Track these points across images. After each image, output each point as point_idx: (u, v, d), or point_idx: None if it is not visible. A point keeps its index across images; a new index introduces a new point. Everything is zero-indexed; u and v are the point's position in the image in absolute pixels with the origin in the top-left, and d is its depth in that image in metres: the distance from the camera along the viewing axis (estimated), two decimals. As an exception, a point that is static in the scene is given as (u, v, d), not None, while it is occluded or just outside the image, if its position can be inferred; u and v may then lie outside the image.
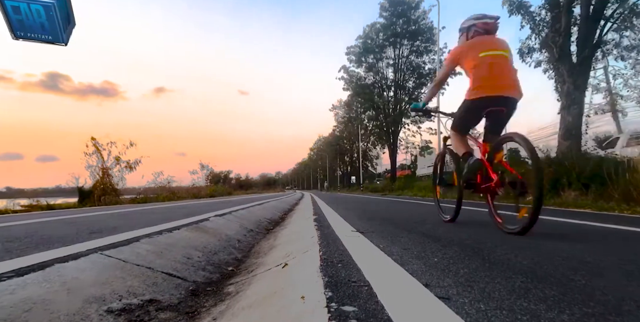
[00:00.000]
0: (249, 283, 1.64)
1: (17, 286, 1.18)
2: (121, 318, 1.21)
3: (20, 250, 1.82)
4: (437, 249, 1.83)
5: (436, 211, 3.76)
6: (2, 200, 9.86)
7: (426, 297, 1.00)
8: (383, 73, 33.23)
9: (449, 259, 1.56)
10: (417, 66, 31.97)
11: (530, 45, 11.52)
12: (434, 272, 1.31)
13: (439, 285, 1.13)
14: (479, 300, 0.98)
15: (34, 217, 4.93)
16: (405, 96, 32.76)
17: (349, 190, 38.94)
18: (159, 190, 15.62)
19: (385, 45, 31.95)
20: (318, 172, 77.99)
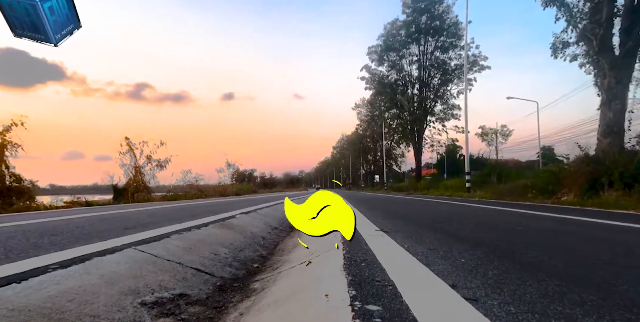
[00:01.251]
0: (274, 280, 1.67)
1: (61, 277, 1.26)
2: (154, 311, 1.27)
3: (64, 243, 1.95)
4: (464, 249, 1.78)
5: (463, 210, 3.65)
6: (47, 196, 10.59)
7: (453, 298, 0.97)
8: (406, 71, 32.59)
9: (477, 260, 1.51)
10: (443, 62, 31.09)
11: (564, 39, 10.89)
12: (461, 273, 1.28)
13: (466, 286, 1.10)
14: (509, 302, 0.95)
15: (74, 213, 5.25)
16: (430, 93, 31.99)
17: (373, 189, 38.58)
18: (187, 188, 16.14)
19: (409, 42, 31.30)
20: (341, 170, 77.79)
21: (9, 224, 3.33)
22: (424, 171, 37.94)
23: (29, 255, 1.56)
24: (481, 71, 29.73)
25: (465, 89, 16.29)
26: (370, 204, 7.41)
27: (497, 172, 14.58)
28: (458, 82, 31.00)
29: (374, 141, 52.37)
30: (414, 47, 31.60)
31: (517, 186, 10.03)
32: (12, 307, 0.98)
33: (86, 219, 3.80)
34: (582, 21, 10.00)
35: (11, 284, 1.11)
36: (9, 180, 8.97)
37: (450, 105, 32.15)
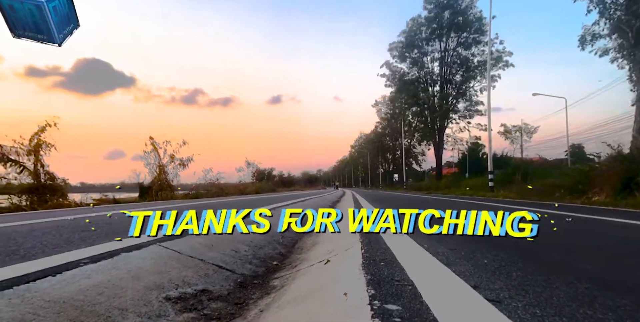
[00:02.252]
0: (293, 278, 1.69)
1: (91, 271, 1.32)
2: (177, 306, 1.31)
3: (93, 239, 2.04)
4: (486, 250, 1.73)
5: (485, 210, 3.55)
6: (77, 194, 11.14)
7: (475, 299, 0.95)
8: (428, 67, 31.98)
9: (500, 261, 1.47)
10: (466, 59, 30.29)
11: (595, 31, 10.37)
12: (484, 274, 1.25)
13: (489, 287, 1.07)
14: (534, 305, 0.91)
15: (103, 210, 5.49)
16: (452, 91, 31.27)
17: (392, 188, 38.14)
18: (208, 186, 16.47)
19: (431, 39, 30.69)
20: (359, 169, 77.37)
21: (44, 220, 3.52)
22: (444, 169, 37.19)
23: (62, 250, 1.64)
24: (505, 68, 28.80)
25: (489, 86, 15.81)
26: (389, 203, 7.34)
27: (522, 171, 14.07)
28: (481, 79, 30.12)
29: (394, 139, 51.77)
30: (436, 43, 30.96)
31: (543, 185, 9.65)
32: (48, 299, 1.03)
33: (114, 216, 3.96)
34: (617, 13, 9.48)
35: (47, 277, 1.17)
36: (43, 178, 9.47)
37: (473, 102, 31.31)
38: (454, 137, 34.52)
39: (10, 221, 3.62)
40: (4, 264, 1.37)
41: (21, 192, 8.94)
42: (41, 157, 9.51)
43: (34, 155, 9.36)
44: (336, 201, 9.60)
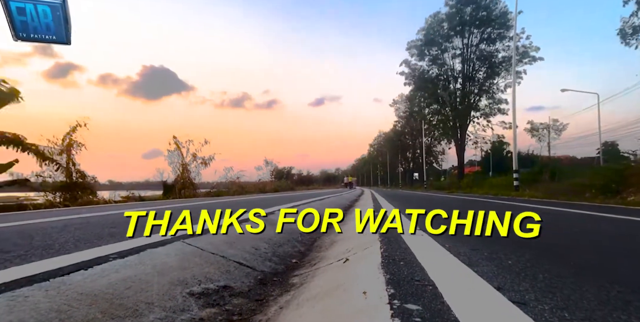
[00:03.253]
0: (312, 276, 1.70)
1: (120, 266, 1.38)
2: (200, 301, 1.34)
3: (120, 235, 2.13)
4: (511, 250, 1.68)
5: (509, 209, 3.44)
6: (106, 191, 11.66)
7: (498, 300, 0.93)
8: (449, 65, 31.23)
9: (526, 262, 1.42)
10: (489, 55, 29.36)
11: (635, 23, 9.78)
12: (508, 275, 1.21)
13: (513, 289, 1.04)
14: (562, 308, 0.88)
15: (130, 207, 5.70)
16: (474, 88, 30.41)
17: (412, 187, 37.55)
18: (229, 184, 16.78)
19: (452, 35, 29.94)
20: (378, 168, 76.68)
21: (76, 216, 3.70)
22: (466, 168, 36.28)
23: (93, 245, 1.72)
24: (532, 63, 27.75)
25: (514, 82, 15.21)
26: (410, 202, 7.24)
27: (549, 170, 13.52)
28: (506, 75, 29.13)
29: (413, 138, 50.96)
30: (457, 40, 30.19)
31: (573, 184, 9.24)
32: (81, 291, 1.09)
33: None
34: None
35: (80, 270, 1.24)
36: (74, 176, 9.95)
37: (497, 99, 30.34)
38: (477, 135, 33.58)
39: (47, 217, 3.83)
40: (42, 257, 1.46)
41: (55, 190, 9.43)
42: (72, 156, 10.00)
43: (66, 154, 9.86)
44: (355, 199, 9.56)
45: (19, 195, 9.84)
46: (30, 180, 9.17)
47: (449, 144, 35.88)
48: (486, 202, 7.40)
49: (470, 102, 30.19)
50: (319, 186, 45.00)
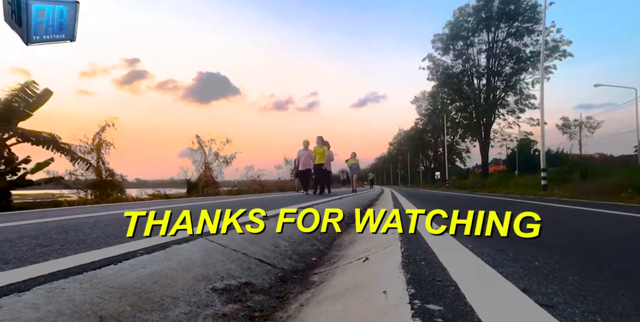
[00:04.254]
0: (332, 274, 1.70)
1: (147, 261, 1.44)
2: (223, 297, 1.38)
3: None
4: (538, 251, 1.62)
5: (537, 209, 3.31)
6: (133, 189, 12.19)
7: (524, 302, 0.90)
8: (474, 60, 30.31)
9: (554, 264, 1.36)
10: (516, 50, 28.27)
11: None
12: (535, 277, 1.17)
13: (541, 291, 1.00)
14: (594, 312, 0.84)
15: (157, 204, 5.91)
16: (500, 84, 29.40)
17: (433, 186, 36.76)
18: (250, 183, 17.06)
19: (478, 30, 29.05)
20: (398, 167, 75.61)
21: (106, 213, 3.87)
22: (491, 167, 35.19)
23: (122, 241, 1.80)
24: (562, 58, 26.52)
25: (542, 78, 14.52)
26: (431, 201, 7.11)
27: (580, 169, 12.89)
28: (534, 71, 27.97)
29: (435, 136, 49.87)
30: (483, 34, 29.27)
31: (607, 183, 8.77)
32: (112, 285, 1.14)
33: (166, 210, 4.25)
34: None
35: (110, 265, 1.30)
36: (104, 174, 10.42)
37: (524, 96, 29.21)
38: (502, 132, 32.45)
39: (79, 213, 4.03)
40: (76, 251, 1.54)
41: (86, 188, 9.93)
42: (102, 155, 10.48)
43: (96, 153, 10.34)
44: (374, 198, 9.48)
45: (54, 192, 10.44)
46: (64, 178, 9.68)
47: (473, 142, 34.89)
48: (514, 202, 7.15)
49: (496, 99, 29.23)
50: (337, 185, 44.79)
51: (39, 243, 1.82)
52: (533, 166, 26.25)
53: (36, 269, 1.23)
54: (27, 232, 2.29)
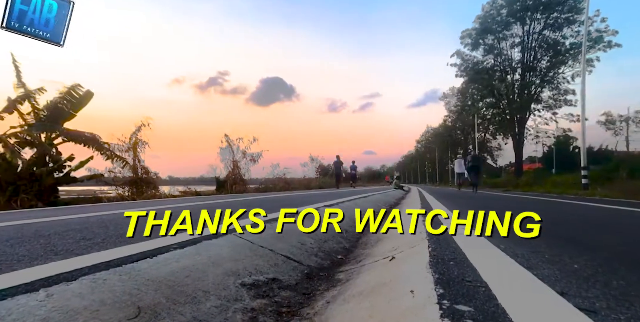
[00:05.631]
0: (358, 272, 1.70)
1: (179, 256, 1.50)
2: (252, 292, 1.41)
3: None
4: (577, 254, 1.53)
5: (576, 210, 3.13)
6: (166, 186, 12.76)
7: (562, 306, 0.85)
8: (506, 54, 28.94)
9: (596, 267, 1.28)
10: (554, 42, 26.65)
11: None
12: (573, 280, 1.11)
13: (581, 295, 0.95)
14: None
15: (187, 201, 6.14)
16: (536, 78, 27.89)
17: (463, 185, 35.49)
18: (276, 181, 17.33)
19: (510, 22, 27.68)
20: (426, 165, 73.85)
21: (141, 209, 4.08)
22: (525, 165, 33.55)
23: (157, 236, 1.89)
24: (607, 49, 24.73)
25: (583, 71, 13.52)
26: (459, 200, 6.89)
27: (628, 167, 11.98)
28: (574, 64, 26.26)
29: (465, 133, 48.18)
30: (517, 27, 27.85)
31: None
32: (148, 277, 1.20)
33: (195, 207, 4.41)
34: None
35: (146, 258, 1.37)
36: (140, 172, 10.96)
37: (563, 90, 27.54)
38: (538, 129, 30.79)
39: (118, 209, 4.27)
40: (115, 245, 1.63)
41: (124, 184, 10.49)
42: (138, 154, 11.02)
43: (132, 151, 10.90)
44: (401, 197, 9.33)
45: (95, 189, 11.13)
46: (104, 175, 10.28)
47: (506, 140, 33.36)
48: (552, 201, 6.79)
49: (531, 94, 27.78)
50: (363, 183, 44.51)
51: (83, 236, 1.95)
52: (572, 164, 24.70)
53: (81, 260, 1.32)
54: (72, 226, 2.46)
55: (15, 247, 1.63)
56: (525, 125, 28.82)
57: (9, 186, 7.47)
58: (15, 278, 1.08)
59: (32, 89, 8.50)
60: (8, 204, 7.08)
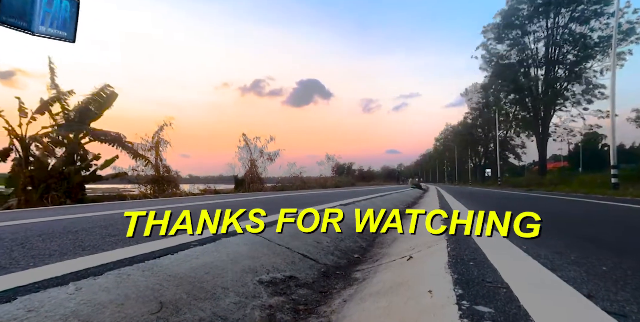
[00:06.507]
0: (374, 271, 1.69)
1: (199, 252, 1.54)
2: (269, 289, 1.43)
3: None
4: (606, 256, 1.46)
5: (607, 211, 3.00)
6: (187, 185, 13.09)
7: (589, 309, 0.82)
8: (530, 49, 27.94)
9: (626, 270, 1.23)
10: (581, 35, 25.50)
11: None
12: (601, 282, 1.06)
13: (609, 298, 0.91)
14: (674, 326, 0.75)
15: (206, 199, 6.28)
16: (562, 73, 26.78)
17: (483, 184, 34.65)
18: (292, 179, 17.46)
19: (534, 16, 26.69)
20: (445, 164, 72.42)
21: (163, 207, 4.19)
22: (550, 164, 32.35)
23: (177, 233, 1.94)
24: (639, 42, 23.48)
25: (613, 65, 12.84)
26: (479, 199, 6.72)
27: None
28: (603, 58, 25.04)
29: (486, 131, 46.89)
30: (541, 21, 26.83)
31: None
32: (169, 273, 1.24)
33: (213, 205, 4.50)
34: None
35: (167, 255, 1.41)
36: (162, 170, 11.27)
37: (591, 85, 26.35)
38: (564, 126, 29.58)
39: (141, 206, 4.41)
40: (138, 242, 1.69)
41: (146, 182, 10.82)
42: (160, 153, 11.32)
43: (154, 151, 11.21)
44: (419, 196, 9.20)
45: (119, 186, 11.53)
46: (128, 173, 10.63)
47: (530, 137, 32.24)
48: (579, 202, 6.52)
49: (556, 90, 26.73)
50: (380, 182, 44.14)
51: (108, 233, 2.03)
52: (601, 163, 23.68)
53: (106, 256, 1.38)
54: (98, 223, 2.57)
55: (47, 242, 1.72)
56: (550, 123, 27.77)
57: (41, 184, 7.84)
58: (47, 272, 1.13)
59: (63, 90, 8.87)
60: (40, 201, 7.45)
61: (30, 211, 4.65)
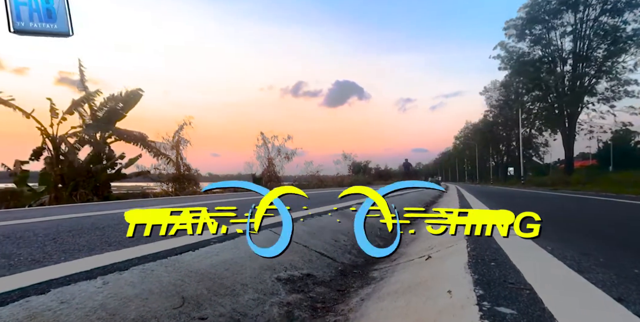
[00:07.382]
0: (392, 271, 1.68)
1: (219, 249, 1.57)
2: (287, 286, 1.44)
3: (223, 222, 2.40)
4: (638, 258, 1.40)
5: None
6: (206, 183, 13.41)
7: (619, 313, 0.78)
8: (556, 44, 26.79)
9: (660, 275, 1.17)
10: (613, 28, 24.17)
11: None
12: (633, 286, 1.01)
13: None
14: None
15: (226, 196, 6.39)
16: (590, 69, 25.54)
17: (505, 183, 33.62)
18: (309, 178, 17.55)
19: (561, 10, 25.55)
20: (465, 162, 70.72)
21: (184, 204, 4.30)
22: (577, 162, 31.03)
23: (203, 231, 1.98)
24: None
25: None
26: (501, 198, 6.53)
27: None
28: (637, 51, 23.66)
29: (508, 129, 45.44)
30: (568, 15, 25.66)
31: None
32: (190, 269, 1.28)
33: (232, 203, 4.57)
34: None
35: (188, 251, 1.45)
36: (182, 169, 11.55)
37: (622, 81, 25.00)
38: (592, 123, 28.21)
39: (163, 204, 4.55)
40: (161, 239, 1.74)
41: (168, 181, 11.12)
42: (181, 151, 11.60)
43: (175, 149, 11.50)
44: (438, 195, 9.03)
45: (142, 184, 11.90)
46: (150, 172, 10.97)
47: (554, 135, 30.98)
48: (612, 201, 6.24)
49: (585, 86, 25.53)
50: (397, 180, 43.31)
51: (133, 229, 2.10)
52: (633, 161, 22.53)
53: (131, 252, 1.43)
54: (122, 219, 2.66)
55: (76, 238, 1.80)
56: (577, 120, 26.59)
57: (70, 182, 8.21)
58: (77, 266, 1.19)
59: (91, 91, 9.25)
60: (69, 198, 7.80)
61: (60, 207, 4.89)
